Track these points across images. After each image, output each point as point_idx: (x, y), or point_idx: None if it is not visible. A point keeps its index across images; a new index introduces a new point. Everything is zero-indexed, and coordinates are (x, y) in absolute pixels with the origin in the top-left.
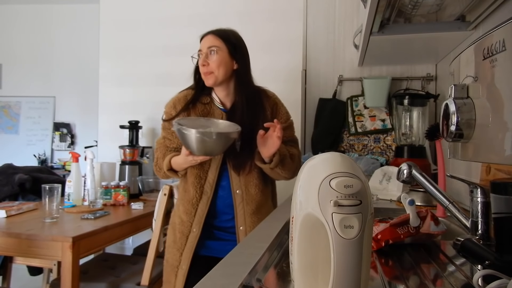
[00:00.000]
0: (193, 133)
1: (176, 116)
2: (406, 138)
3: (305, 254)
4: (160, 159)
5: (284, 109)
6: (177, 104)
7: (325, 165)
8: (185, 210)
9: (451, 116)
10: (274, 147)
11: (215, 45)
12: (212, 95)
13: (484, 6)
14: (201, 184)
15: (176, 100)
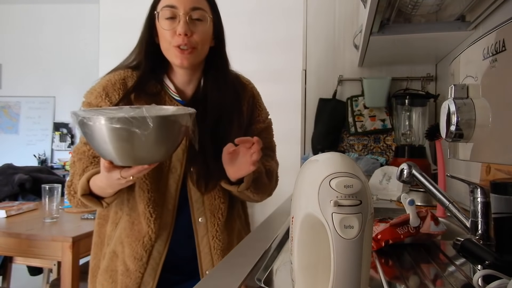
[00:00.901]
0: (105, 123)
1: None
2: (406, 138)
3: (305, 254)
4: (76, 178)
5: (263, 104)
6: (110, 91)
7: (325, 165)
8: (132, 254)
9: (451, 116)
10: (246, 170)
11: (201, 7)
12: (165, 81)
13: (484, 6)
14: (158, 214)
15: (109, 85)
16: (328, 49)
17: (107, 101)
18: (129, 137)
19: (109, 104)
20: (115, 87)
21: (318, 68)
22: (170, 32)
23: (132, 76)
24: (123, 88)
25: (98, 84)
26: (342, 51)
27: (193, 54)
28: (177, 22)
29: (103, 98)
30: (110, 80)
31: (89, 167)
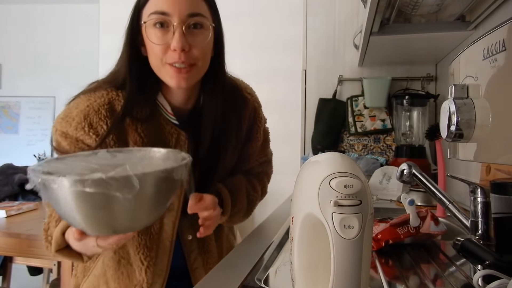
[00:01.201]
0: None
1: (96, 147)
2: (406, 138)
3: (305, 254)
4: (53, 222)
5: (262, 115)
6: (94, 121)
7: (325, 165)
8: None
9: (451, 116)
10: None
11: (201, 13)
12: (160, 99)
13: (484, 6)
14: (152, 261)
15: (91, 112)
16: (328, 49)
17: (92, 134)
18: (106, 203)
19: (95, 138)
20: (100, 115)
21: (318, 68)
22: (162, 47)
23: (118, 98)
24: (110, 114)
25: (76, 111)
26: (342, 51)
27: (192, 73)
28: (170, 33)
29: (87, 130)
30: (92, 106)
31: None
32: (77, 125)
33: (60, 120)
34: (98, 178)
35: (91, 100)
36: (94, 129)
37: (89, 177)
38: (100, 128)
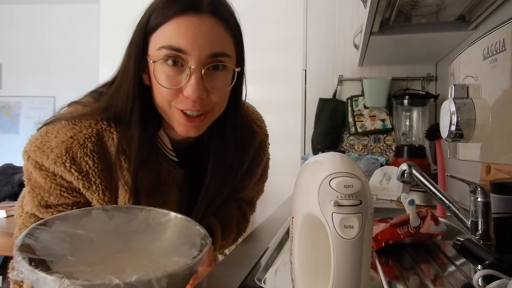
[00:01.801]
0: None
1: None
2: (406, 138)
3: (305, 254)
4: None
5: (268, 149)
6: (78, 157)
7: (325, 165)
8: None
9: (451, 116)
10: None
11: (226, 52)
12: (160, 135)
13: (484, 6)
14: None
15: (74, 146)
16: (328, 49)
17: (75, 171)
18: None
19: (77, 175)
20: (86, 149)
21: (318, 68)
22: (172, 91)
23: (109, 130)
24: (98, 149)
25: (56, 141)
26: (342, 51)
27: (206, 121)
28: (184, 75)
29: (68, 166)
30: (76, 137)
31: None
32: (56, 159)
33: (35, 148)
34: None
35: (76, 130)
36: (77, 165)
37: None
38: (84, 165)
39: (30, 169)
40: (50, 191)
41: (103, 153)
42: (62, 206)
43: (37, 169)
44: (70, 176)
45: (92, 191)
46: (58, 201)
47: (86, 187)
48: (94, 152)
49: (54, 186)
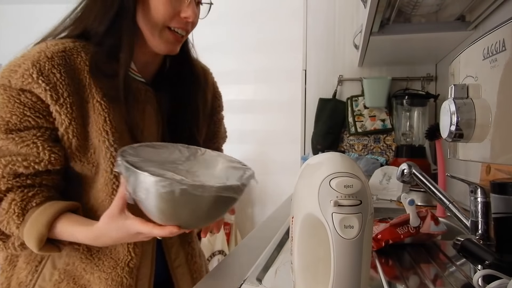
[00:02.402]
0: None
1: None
2: (406, 138)
3: (305, 254)
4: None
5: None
6: (46, 69)
7: (325, 165)
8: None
9: (451, 116)
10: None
11: None
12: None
13: (484, 6)
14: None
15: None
16: (328, 49)
17: (42, 82)
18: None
19: (45, 86)
20: (53, 62)
21: (318, 68)
22: (171, 12)
23: (76, 48)
24: (65, 64)
25: (23, 59)
26: (342, 51)
27: (183, 41)
28: (184, 1)
29: (35, 78)
30: (44, 52)
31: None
32: (24, 72)
33: (3, 71)
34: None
35: (43, 47)
36: (45, 77)
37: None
38: (52, 76)
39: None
40: (13, 110)
41: (71, 68)
42: (24, 131)
43: (1, 91)
44: (37, 87)
45: (60, 104)
46: (20, 122)
47: (54, 99)
48: (61, 66)
49: (18, 105)
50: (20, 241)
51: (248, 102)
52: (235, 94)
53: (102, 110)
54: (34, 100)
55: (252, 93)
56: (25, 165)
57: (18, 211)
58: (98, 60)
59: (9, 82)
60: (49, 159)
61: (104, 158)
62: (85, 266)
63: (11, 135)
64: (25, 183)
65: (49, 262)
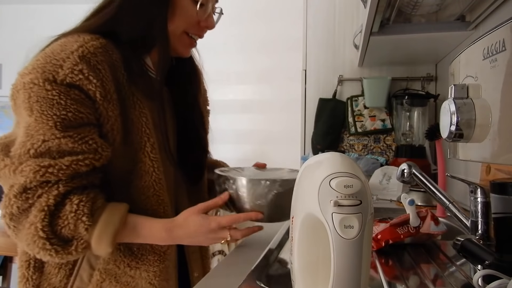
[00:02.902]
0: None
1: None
2: (406, 138)
3: (305, 254)
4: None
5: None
6: (93, 64)
7: (325, 165)
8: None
9: (451, 116)
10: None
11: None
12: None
13: (484, 6)
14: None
15: (87, 54)
16: (328, 49)
17: (93, 79)
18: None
19: (95, 82)
20: (97, 58)
21: (318, 68)
22: (194, 20)
23: (110, 46)
24: (106, 60)
25: (65, 53)
26: (342, 51)
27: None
28: (206, 11)
29: (86, 74)
30: (85, 47)
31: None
32: (73, 67)
33: (41, 65)
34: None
35: (81, 41)
36: (94, 72)
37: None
38: (98, 72)
39: (35, 92)
40: (67, 107)
41: (111, 64)
42: (81, 127)
43: (47, 86)
44: (88, 84)
45: (108, 100)
46: (75, 119)
47: (103, 96)
48: (104, 62)
49: (70, 101)
50: (84, 244)
51: (248, 102)
52: (235, 94)
53: (142, 107)
54: (83, 97)
55: (252, 93)
56: (87, 163)
57: (87, 212)
58: (131, 59)
59: (53, 77)
60: (106, 155)
61: (145, 156)
62: (129, 261)
63: (68, 132)
64: (82, 184)
65: (85, 263)
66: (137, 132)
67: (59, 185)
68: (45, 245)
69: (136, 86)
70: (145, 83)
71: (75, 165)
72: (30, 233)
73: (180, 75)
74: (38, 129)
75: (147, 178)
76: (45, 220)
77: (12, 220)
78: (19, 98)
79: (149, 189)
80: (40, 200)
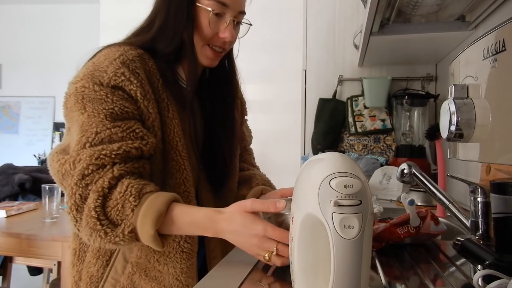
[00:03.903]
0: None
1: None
2: (406, 138)
3: (305, 254)
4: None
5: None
6: (132, 69)
7: (325, 165)
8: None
9: (451, 116)
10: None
11: (245, 12)
12: (178, 70)
13: (484, 6)
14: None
15: (127, 61)
16: (328, 49)
17: (134, 79)
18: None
19: (136, 83)
20: (135, 64)
21: (318, 68)
22: (212, 32)
23: (147, 55)
24: (143, 67)
25: (108, 61)
26: (342, 51)
27: (221, 56)
28: (223, 23)
29: (127, 76)
30: (126, 55)
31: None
32: (115, 71)
33: (89, 72)
34: None
35: (121, 50)
36: (134, 75)
37: None
38: (137, 75)
39: (87, 94)
40: (114, 103)
41: (147, 70)
42: (127, 120)
43: (95, 88)
44: (129, 84)
45: (147, 99)
46: (122, 112)
47: (142, 95)
48: (141, 68)
49: (116, 98)
50: (130, 227)
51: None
52: None
53: (174, 111)
54: (126, 96)
55: (252, 93)
56: (136, 147)
57: (135, 193)
58: (164, 68)
59: (100, 82)
60: (152, 143)
61: (177, 155)
62: (158, 257)
63: (117, 123)
64: (135, 170)
65: (120, 255)
66: (169, 132)
67: (114, 168)
68: (96, 225)
69: (169, 92)
70: (177, 91)
71: (125, 147)
72: (86, 216)
73: (214, 86)
74: (91, 123)
75: (178, 176)
76: (97, 201)
77: (77, 211)
78: (70, 101)
79: (180, 186)
80: (97, 184)
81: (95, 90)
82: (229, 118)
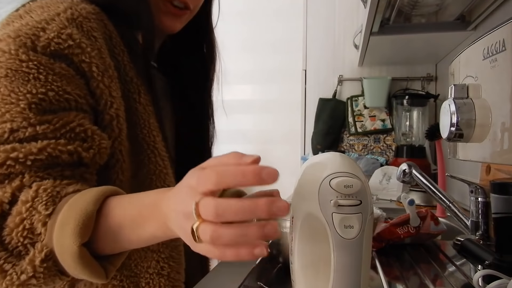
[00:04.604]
0: None
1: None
2: (406, 138)
3: (305, 254)
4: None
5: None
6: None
7: (325, 165)
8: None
9: (451, 116)
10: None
11: None
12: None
13: (484, 6)
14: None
15: (78, 17)
16: (328, 49)
17: (87, 47)
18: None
19: (90, 52)
20: (91, 24)
21: (318, 68)
22: None
23: (104, 15)
24: (102, 30)
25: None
26: (342, 51)
27: (185, 18)
28: None
29: (77, 40)
30: (76, 9)
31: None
32: (59, 30)
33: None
34: None
35: (68, 3)
36: (89, 39)
37: None
38: (94, 40)
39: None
40: (46, 83)
41: (108, 36)
42: (63, 112)
43: (21, 56)
44: (80, 53)
45: (109, 76)
46: (58, 101)
47: (101, 71)
48: (99, 30)
49: (52, 77)
50: (44, 251)
51: (248, 102)
52: (234, 94)
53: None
54: (72, 73)
55: (252, 93)
56: (69, 150)
57: (47, 199)
58: (128, 35)
59: (33, 43)
60: (99, 146)
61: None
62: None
63: (46, 116)
64: (60, 174)
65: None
66: (143, 125)
67: (25, 175)
68: None
69: (137, 70)
70: (145, 68)
71: (51, 149)
72: None
73: (181, 62)
74: (4, 112)
75: (159, 184)
76: None
77: None
78: None
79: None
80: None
81: (20, 58)
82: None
